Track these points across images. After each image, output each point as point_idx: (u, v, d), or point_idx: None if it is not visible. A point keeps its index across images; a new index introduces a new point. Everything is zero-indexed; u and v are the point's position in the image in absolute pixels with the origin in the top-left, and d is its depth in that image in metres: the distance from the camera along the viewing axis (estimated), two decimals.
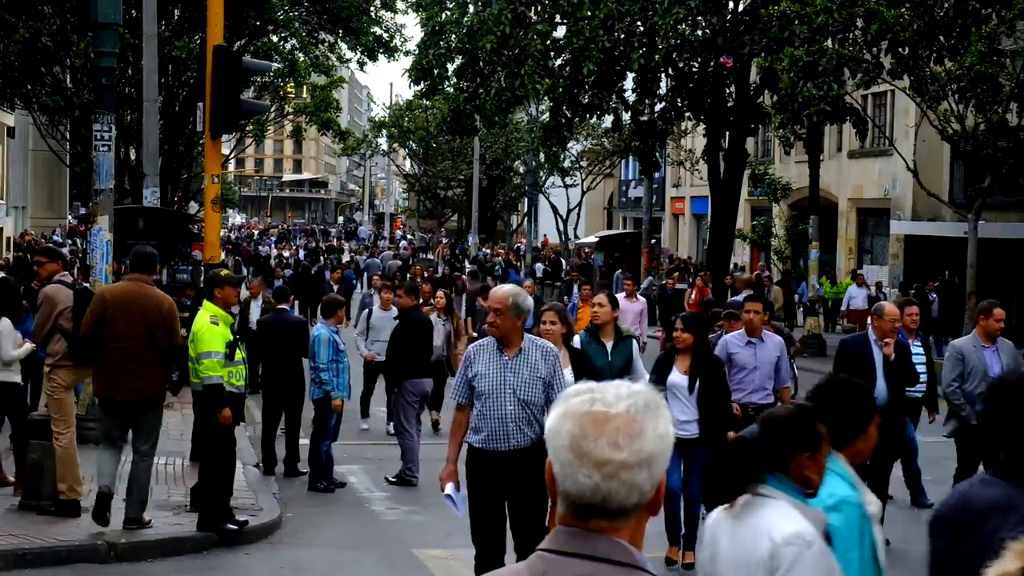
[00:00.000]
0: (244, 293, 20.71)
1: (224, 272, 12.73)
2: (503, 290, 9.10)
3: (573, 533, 2.64)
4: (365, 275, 46.70)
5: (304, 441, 14.99)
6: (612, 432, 2.59)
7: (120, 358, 11.17)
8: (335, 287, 24.19)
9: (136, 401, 11.31)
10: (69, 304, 11.81)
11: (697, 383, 10.90)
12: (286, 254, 57.88)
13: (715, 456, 4.51)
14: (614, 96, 34.24)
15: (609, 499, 2.59)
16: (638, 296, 22.11)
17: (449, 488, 8.78)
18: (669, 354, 11.38)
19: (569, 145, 44.30)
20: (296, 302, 30.16)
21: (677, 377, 11.01)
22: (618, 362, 11.03)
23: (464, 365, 8.85)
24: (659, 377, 10.93)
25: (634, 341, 11.62)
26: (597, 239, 56.33)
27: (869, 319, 12.38)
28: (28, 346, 12.92)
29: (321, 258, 53.82)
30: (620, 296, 20.20)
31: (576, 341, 11.01)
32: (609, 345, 11.17)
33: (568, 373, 9.60)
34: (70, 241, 48.09)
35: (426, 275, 30.41)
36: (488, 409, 8.59)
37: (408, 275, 29.65)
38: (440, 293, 18.59)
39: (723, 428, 10.85)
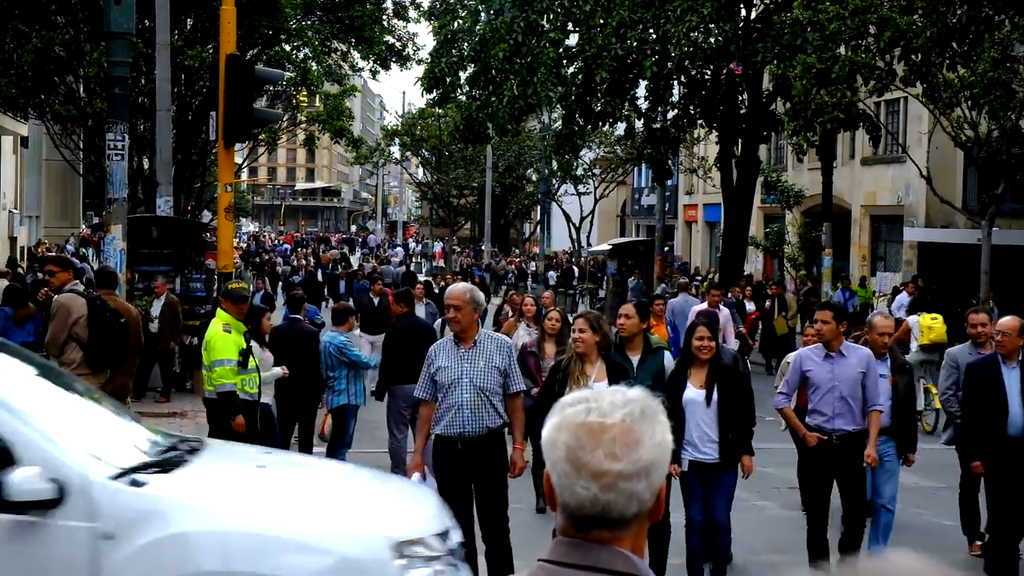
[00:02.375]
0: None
1: (234, 285, 12.76)
2: (460, 287, 9.70)
3: (574, 544, 2.61)
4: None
5: (319, 450, 14.99)
6: (608, 442, 2.55)
7: None
8: (375, 299, 23.19)
9: (122, 394, 12.81)
10: (84, 313, 11.91)
11: (714, 396, 9.86)
12: (294, 260, 58.10)
13: None
14: (627, 104, 34.23)
15: (609, 510, 2.57)
16: (722, 307, 19.62)
17: (415, 478, 9.39)
18: (681, 366, 10.18)
19: (582, 153, 44.28)
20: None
21: (692, 393, 9.95)
22: (645, 378, 10.10)
23: (427, 364, 9.56)
24: (671, 394, 9.80)
25: (666, 353, 10.90)
26: (610, 247, 56.34)
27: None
28: (277, 370, 13.44)
29: (339, 266, 53.92)
30: (702, 307, 19.36)
31: None
32: (636, 360, 10.47)
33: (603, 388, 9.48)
34: (82, 251, 48.22)
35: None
36: (447, 398, 9.32)
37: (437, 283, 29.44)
38: (529, 300, 17.53)
39: (743, 448, 10.05)
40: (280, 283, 47.01)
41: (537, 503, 13.36)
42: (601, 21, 31.78)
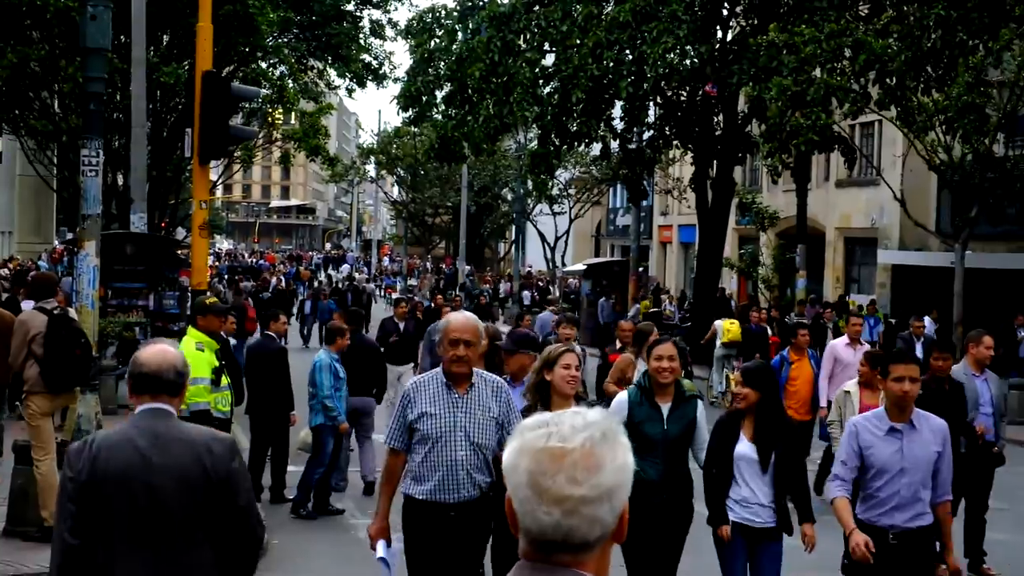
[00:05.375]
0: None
1: (210, 300, 12.72)
2: (470, 318, 7.76)
3: (537, 568, 2.60)
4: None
5: (295, 468, 14.92)
6: (569, 467, 2.54)
7: None
8: (401, 324, 21.65)
9: None
10: (42, 330, 11.82)
11: (772, 456, 8.49)
12: (274, 280, 57.90)
13: None
14: (602, 124, 34.28)
15: (571, 535, 2.56)
16: (863, 342, 16.42)
17: (381, 548, 7.63)
18: (733, 416, 8.75)
19: (557, 173, 44.36)
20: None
21: (744, 447, 8.59)
22: (676, 430, 8.78)
23: (403, 405, 7.63)
24: (721, 446, 8.60)
25: (699, 401, 9.14)
26: (585, 267, 56.40)
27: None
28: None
29: (315, 283, 53.79)
30: (840, 342, 16.40)
31: (623, 397, 9.08)
32: (666, 409, 8.85)
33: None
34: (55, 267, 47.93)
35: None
36: (437, 455, 7.47)
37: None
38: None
39: (804, 516, 8.63)
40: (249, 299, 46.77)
41: None
42: (578, 42, 31.82)
